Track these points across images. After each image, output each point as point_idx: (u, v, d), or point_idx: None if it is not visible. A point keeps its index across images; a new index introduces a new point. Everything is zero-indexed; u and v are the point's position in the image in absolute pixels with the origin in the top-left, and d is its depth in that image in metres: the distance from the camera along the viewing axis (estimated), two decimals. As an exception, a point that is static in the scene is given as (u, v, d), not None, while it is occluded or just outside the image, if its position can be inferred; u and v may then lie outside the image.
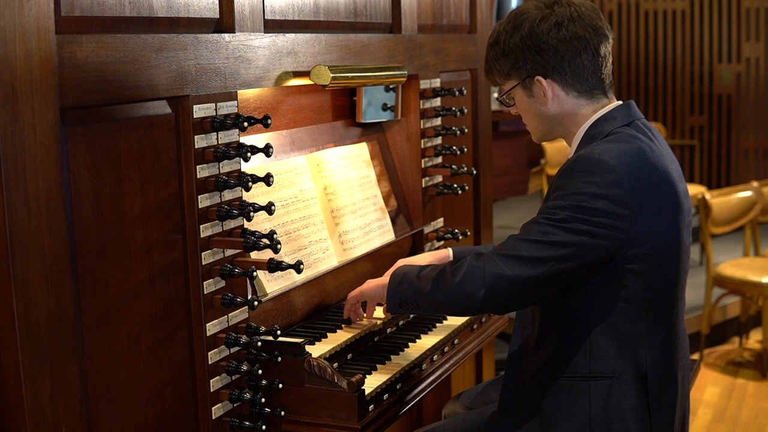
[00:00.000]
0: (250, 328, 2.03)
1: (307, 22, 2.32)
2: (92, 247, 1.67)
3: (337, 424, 2.01)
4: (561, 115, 2.09)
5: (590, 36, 2.04)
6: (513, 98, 2.15)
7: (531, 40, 2.04)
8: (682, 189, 2.03)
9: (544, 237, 1.93)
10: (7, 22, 1.47)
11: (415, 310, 2.14)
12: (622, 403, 1.99)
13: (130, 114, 1.76)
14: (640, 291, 1.97)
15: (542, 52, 2.04)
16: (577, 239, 1.91)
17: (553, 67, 2.04)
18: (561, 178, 1.97)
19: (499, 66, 2.12)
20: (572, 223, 1.91)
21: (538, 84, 2.07)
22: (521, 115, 2.18)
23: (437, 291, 2.04)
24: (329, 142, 2.66)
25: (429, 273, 2.08)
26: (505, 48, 2.08)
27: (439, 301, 2.05)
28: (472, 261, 2.00)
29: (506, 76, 2.12)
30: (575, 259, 1.92)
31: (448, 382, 3.31)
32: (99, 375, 1.70)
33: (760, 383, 5.04)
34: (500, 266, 1.95)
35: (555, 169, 6.52)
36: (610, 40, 2.09)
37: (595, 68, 2.06)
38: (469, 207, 3.38)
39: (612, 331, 1.99)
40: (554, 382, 2.04)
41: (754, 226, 5.71)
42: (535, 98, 2.09)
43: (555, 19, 2.03)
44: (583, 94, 2.07)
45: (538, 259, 1.93)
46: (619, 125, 2.04)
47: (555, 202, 1.95)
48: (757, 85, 8.24)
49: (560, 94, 2.07)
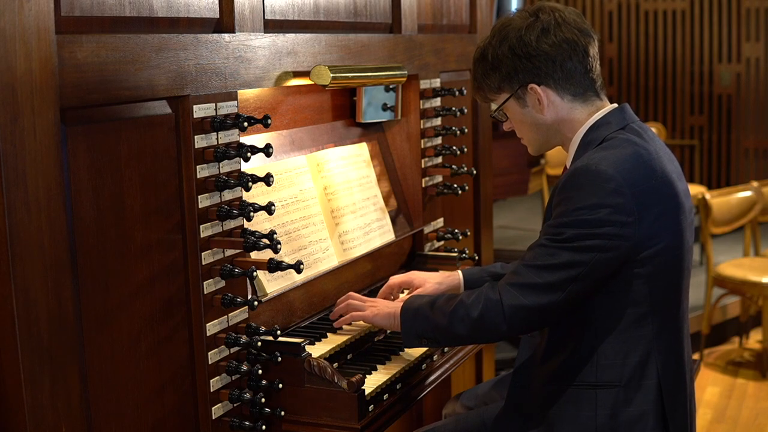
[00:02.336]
0: (250, 328, 2.03)
1: (307, 22, 2.32)
2: (92, 247, 1.67)
3: (337, 424, 2.01)
4: (557, 121, 2.09)
5: (578, 38, 2.04)
6: (505, 113, 2.15)
7: (520, 48, 2.04)
8: (682, 188, 2.03)
9: (554, 260, 1.93)
10: (7, 23, 1.47)
11: (435, 344, 2.15)
12: (629, 411, 1.98)
13: (130, 114, 1.76)
14: (645, 294, 1.97)
15: (533, 58, 2.03)
16: (586, 257, 1.91)
17: (545, 72, 2.04)
18: (561, 193, 1.97)
19: (489, 81, 2.11)
20: (579, 241, 1.91)
21: (531, 92, 2.06)
22: (516, 128, 2.17)
23: (456, 326, 2.03)
24: (329, 142, 2.66)
25: (444, 307, 2.07)
26: (494, 61, 2.08)
27: (462, 336, 2.05)
28: (488, 294, 2.00)
29: (497, 90, 2.11)
30: (588, 277, 1.92)
31: (448, 382, 3.31)
32: (99, 375, 1.70)
33: (760, 383, 5.04)
34: (517, 297, 1.95)
35: (555, 169, 6.52)
36: (596, 41, 2.10)
37: (586, 70, 2.06)
38: (469, 207, 3.38)
39: (620, 338, 1.98)
40: (561, 391, 2.04)
41: (754, 226, 5.71)
42: (530, 108, 2.09)
43: (541, 25, 2.04)
44: (577, 97, 2.07)
45: (552, 284, 1.93)
46: (614, 129, 2.03)
47: (558, 219, 1.95)
48: (757, 85, 8.23)
49: (555, 99, 2.06)
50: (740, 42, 8.27)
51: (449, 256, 2.92)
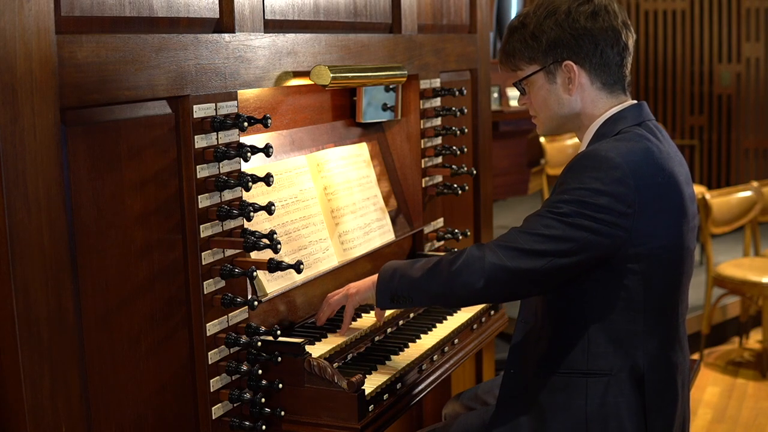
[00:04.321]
0: (250, 328, 2.03)
1: (307, 22, 2.32)
2: (92, 247, 1.67)
3: (337, 424, 2.01)
4: (579, 106, 2.08)
5: (622, 30, 2.07)
6: (528, 86, 2.14)
7: (569, 23, 2.04)
8: (689, 193, 2.03)
9: (546, 230, 1.93)
10: (7, 22, 1.47)
11: (408, 303, 2.11)
12: (618, 401, 1.99)
13: (130, 114, 1.76)
14: (640, 291, 1.97)
15: (579, 37, 2.04)
16: (578, 234, 1.91)
17: (585, 53, 2.05)
18: (567, 173, 1.97)
19: (524, 49, 2.10)
20: (574, 218, 1.91)
21: (564, 70, 2.06)
22: (534, 104, 2.15)
23: (433, 281, 2.03)
24: (329, 142, 2.66)
25: (423, 264, 2.07)
26: (536, 30, 2.07)
27: (435, 292, 2.04)
28: (471, 251, 1.99)
29: (528, 60, 2.11)
30: (575, 255, 1.92)
31: (448, 382, 3.31)
32: (99, 375, 1.70)
33: (760, 383, 5.04)
34: (500, 257, 1.94)
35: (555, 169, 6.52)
36: (633, 39, 2.12)
37: (622, 63, 2.08)
38: (469, 207, 3.38)
39: (610, 329, 1.99)
40: (552, 378, 2.04)
41: (754, 226, 5.71)
42: (558, 85, 2.09)
43: (593, 8, 2.05)
44: (606, 87, 2.08)
45: (538, 252, 1.93)
46: (629, 124, 2.04)
47: (559, 196, 1.95)
48: (757, 85, 8.24)
49: (585, 82, 2.07)
50: (740, 42, 8.27)
51: (449, 256, 2.92)
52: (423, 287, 2.05)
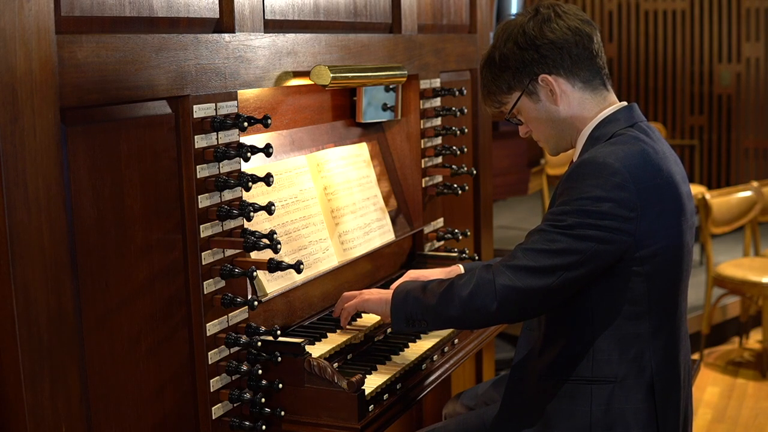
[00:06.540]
0: (250, 328, 2.03)
1: (307, 22, 2.32)
2: (92, 247, 1.67)
3: (337, 424, 2.01)
4: (570, 111, 2.09)
5: (580, 25, 2.08)
6: (519, 114, 2.16)
7: (525, 40, 2.06)
8: (686, 191, 2.03)
9: (552, 245, 1.92)
10: (7, 23, 1.47)
11: (423, 327, 2.13)
12: (624, 407, 1.99)
13: (130, 114, 1.76)
14: (644, 293, 1.97)
15: (539, 48, 2.05)
16: (584, 246, 1.91)
17: (553, 61, 2.06)
18: (566, 182, 1.97)
19: (499, 82, 2.12)
20: (579, 230, 1.91)
21: (543, 85, 2.07)
22: (532, 128, 2.16)
23: (446, 306, 2.03)
24: (329, 142, 2.66)
25: (435, 288, 2.07)
26: (502, 60, 2.10)
27: (450, 316, 2.04)
28: (481, 273, 1.99)
29: (507, 91, 2.12)
30: (584, 266, 1.92)
31: (448, 382, 3.31)
32: (99, 375, 1.70)
33: (760, 383, 5.04)
34: (510, 278, 1.95)
35: (555, 169, 6.52)
36: (598, 31, 2.12)
37: (592, 55, 2.08)
38: (469, 207, 3.38)
39: (616, 335, 1.99)
40: (557, 386, 2.04)
41: (754, 226, 5.71)
42: (544, 101, 2.10)
43: (542, 17, 2.07)
44: (587, 85, 2.08)
45: (547, 268, 1.92)
46: (622, 127, 2.04)
47: (560, 207, 1.95)
48: (757, 85, 8.24)
49: (566, 88, 2.07)
50: (740, 42, 8.27)
51: (449, 256, 2.92)
52: (437, 311, 2.05)
